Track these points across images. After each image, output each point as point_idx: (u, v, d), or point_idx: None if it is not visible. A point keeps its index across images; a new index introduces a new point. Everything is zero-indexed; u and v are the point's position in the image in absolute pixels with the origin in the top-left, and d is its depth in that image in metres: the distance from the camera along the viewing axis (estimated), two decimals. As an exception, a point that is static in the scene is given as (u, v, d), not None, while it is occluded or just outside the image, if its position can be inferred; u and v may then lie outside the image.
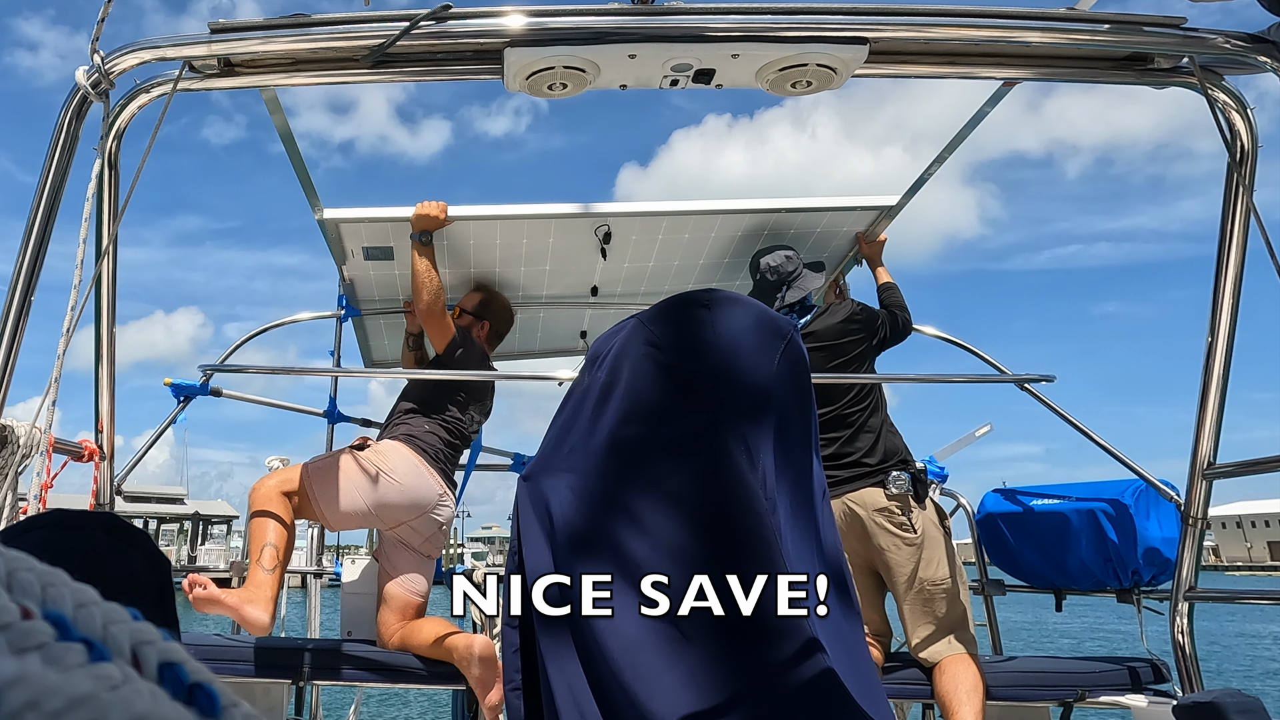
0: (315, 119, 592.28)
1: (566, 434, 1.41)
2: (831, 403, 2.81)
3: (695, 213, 3.16)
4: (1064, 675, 2.65)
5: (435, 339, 2.93)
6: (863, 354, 2.97)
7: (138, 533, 0.93)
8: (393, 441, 2.75)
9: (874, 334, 3.00)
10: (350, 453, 2.67)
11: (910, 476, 2.66)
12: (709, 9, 1.92)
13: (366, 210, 3.02)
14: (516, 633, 1.40)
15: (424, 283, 2.85)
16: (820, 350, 2.89)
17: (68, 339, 1.94)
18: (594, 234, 3.19)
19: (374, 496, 2.62)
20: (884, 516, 2.63)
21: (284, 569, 2.44)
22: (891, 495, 2.64)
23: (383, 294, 3.53)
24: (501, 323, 3.34)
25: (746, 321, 1.30)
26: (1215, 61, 2.03)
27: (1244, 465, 2.29)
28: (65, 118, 2.00)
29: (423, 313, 2.87)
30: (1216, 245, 2.26)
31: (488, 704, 2.34)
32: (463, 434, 2.96)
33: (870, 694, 1.13)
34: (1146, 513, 2.87)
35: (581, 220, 3.12)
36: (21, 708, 0.20)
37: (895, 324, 3.06)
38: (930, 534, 2.64)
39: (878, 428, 2.82)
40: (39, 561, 0.26)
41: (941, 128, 2.76)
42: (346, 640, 2.85)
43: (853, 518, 2.67)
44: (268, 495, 2.55)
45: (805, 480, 1.30)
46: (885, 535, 2.62)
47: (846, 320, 2.96)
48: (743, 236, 3.31)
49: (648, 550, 1.20)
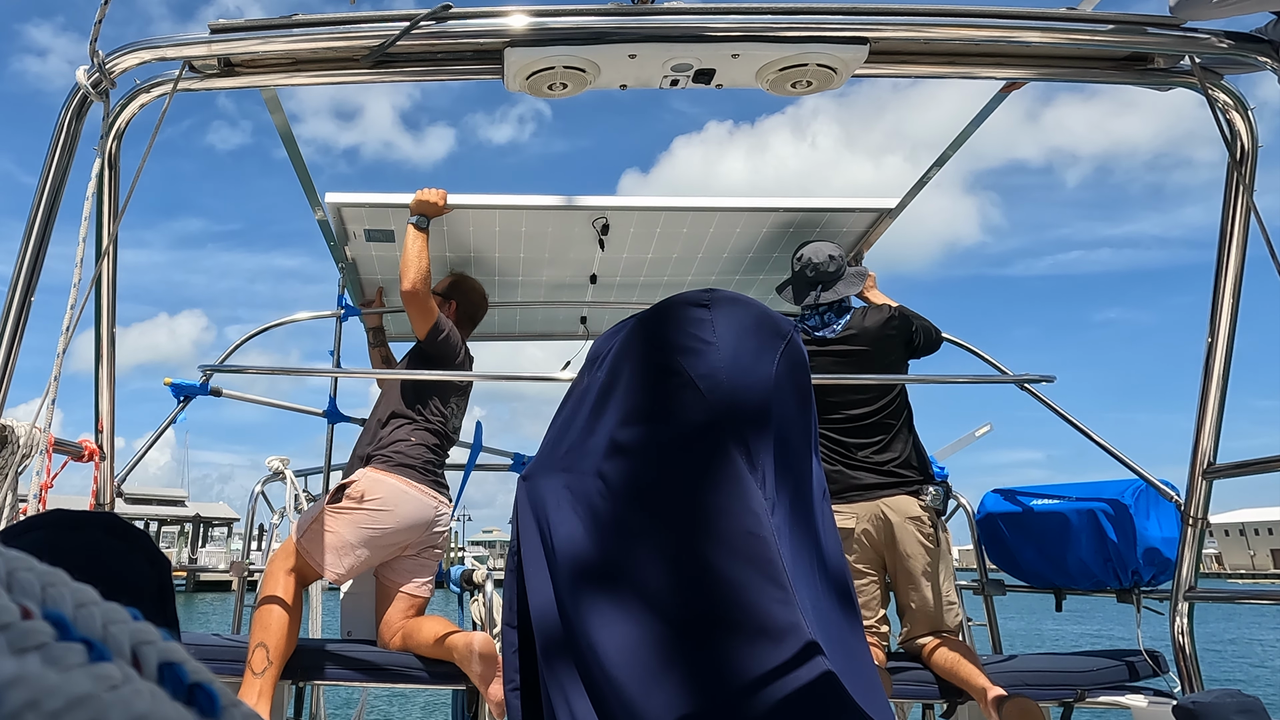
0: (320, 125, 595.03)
1: (565, 434, 1.41)
2: (868, 406, 2.84)
3: (692, 209, 3.16)
4: (1064, 674, 2.65)
5: (417, 323, 2.88)
6: (898, 359, 2.96)
7: (138, 533, 0.93)
8: (373, 473, 2.71)
9: (910, 341, 2.97)
10: (330, 508, 2.64)
11: (943, 491, 2.79)
12: (709, 9, 1.92)
13: (368, 195, 3.06)
14: (516, 632, 1.40)
15: (412, 262, 2.82)
16: (862, 352, 2.89)
17: (67, 339, 1.94)
18: (592, 225, 3.21)
19: (369, 536, 2.61)
20: (915, 525, 2.72)
21: (279, 668, 2.41)
22: (925, 506, 2.75)
23: (384, 274, 3.55)
24: (472, 305, 3.29)
25: (746, 321, 1.29)
26: (1215, 61, 2.03)
27: (1244, 465, 2.29)
28: (65, 118, 2.00)
29: (406, 294, 2.82)
30: (1216, 245, 2.26)
31: (492, 698, 2.34)
32: (447, 431, 2.95)
33: (870, 695, 1.13)
34: (1146, 513, 2.87)
35: (579, 212, 3.15)
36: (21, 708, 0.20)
37: (929, 336, 3.02)
38: (945, 546, 2.78)
39: (910, 434, 2.89)
40: (39, 561, 0.26)
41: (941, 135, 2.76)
42: (346, 640, 2.85)
43: (883, 522, 2.74)
44: (272, 577, 2.56)
45: (805, 481, 1.30)
46: (913, 542, 2.71)
47: (886, 323, 2.93)
48: (740, 234, 3.31)
49: (645, 551, 1.20)
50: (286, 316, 3.80)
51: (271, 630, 2.43)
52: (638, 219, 3.19)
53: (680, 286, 3.71)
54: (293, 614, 2.50)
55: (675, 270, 3.61)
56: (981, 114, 2.44)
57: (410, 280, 2.81)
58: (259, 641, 2.41)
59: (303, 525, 2.66)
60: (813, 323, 2.97)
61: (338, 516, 2.61)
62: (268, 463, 3.64)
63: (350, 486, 2.68)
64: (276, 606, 2.48)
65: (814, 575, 1.23)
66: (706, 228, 3.26)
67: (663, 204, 3.16)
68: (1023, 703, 2.35)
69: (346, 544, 2.57)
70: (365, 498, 2.63)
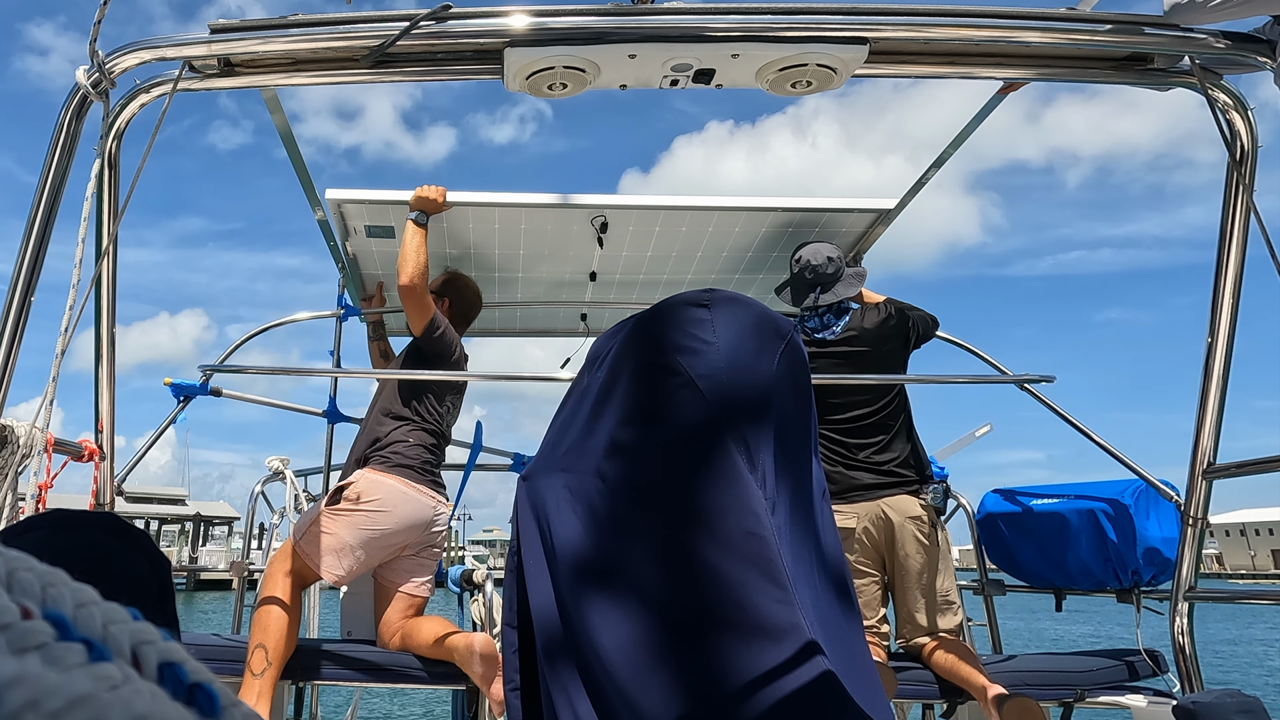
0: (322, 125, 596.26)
1: (565, 434, 1.41)
2: (868, 407, 2.84)
3: (690, 208, 3.17)
4: (1063, 674, 2.65)
5: (414, 319, 2.86)
6: (898, 358, 2.96)
7: (138, 533, 0.93)
8: (371, 474, 2.71)
9: (908, 336, 2.97)
10: (328, 510, 2.64)
11: (942, 491, 2.81)
12: (709, 9, 1.92)
13: (369, 192, 3.08)
14: (516, 632, 1.40)
15: (410, 257, 2.81)
16: (862, 353, 2.89)
17: (66, 340, 1.94)
18: (591, 224, 3.23)
19: (367, 538, 2.60)
20: (915, 525, 2.73)
21: (278, 669, 2.42)
22: (925, 506, 2.77)
23: (385, 269, 3.56)
24: (465, 303, 3.28)
25: (746, 321, 1.29)
26: (1215, 61, 2.03)
27: (1244, 465, 2.29)
28: (65, 117, 2.00)
29: (404, 288, 2.81)
30: (1217, 244, 2.26)
31: (494, 697, 2.34)
32: (444, 430, 2.94)
33: (871, 695, 1.13)
34: (1146, 513, 2.87)
35: (578, 210, 3.16)
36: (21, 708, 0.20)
37: (926, 325, 3.01)
38: (945, 546, 2.80)
39: (909, 434, 2.90)
40: (39, 561, 0.26)
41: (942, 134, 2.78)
42: (346, 640, 2.85)
43: (884, 521, 2.75)
44: (271, 579, 2.57)
45: (805, 481, 1.30)
46: (913, 542, 2.72)
47: (884, 323, 2.93)
48: (739, 233, 3.32)
49: (645, 551, 1.20)
50: (286, 316, 3.81)
51: (270, 631, 2.44)
52: (636, 217, 3.21)
53: (680, 285, 3.72)
54: (292, 615, 2.50)
55: (674, 269, 3.62)
56: (979, 115, 2.44)
57: (408, 275, 2.80)
58: (258, 642, 2.42)
59: (301, 527, 2.66)
60: (812, 324, 2.97)
61: (336, 518, 2.61)
62: (268, 463, 3.64)
63: (348, 488, 2.67)
64: (275, 608, 2.48)
65: (814, 575, 1.23)
66: (705, 226, 3.27)
67: (661, 203, 3.17)
68: (1023, 702, 2.35)
69: (345, 545, 2.57)
70: (363, 499, 2.63)
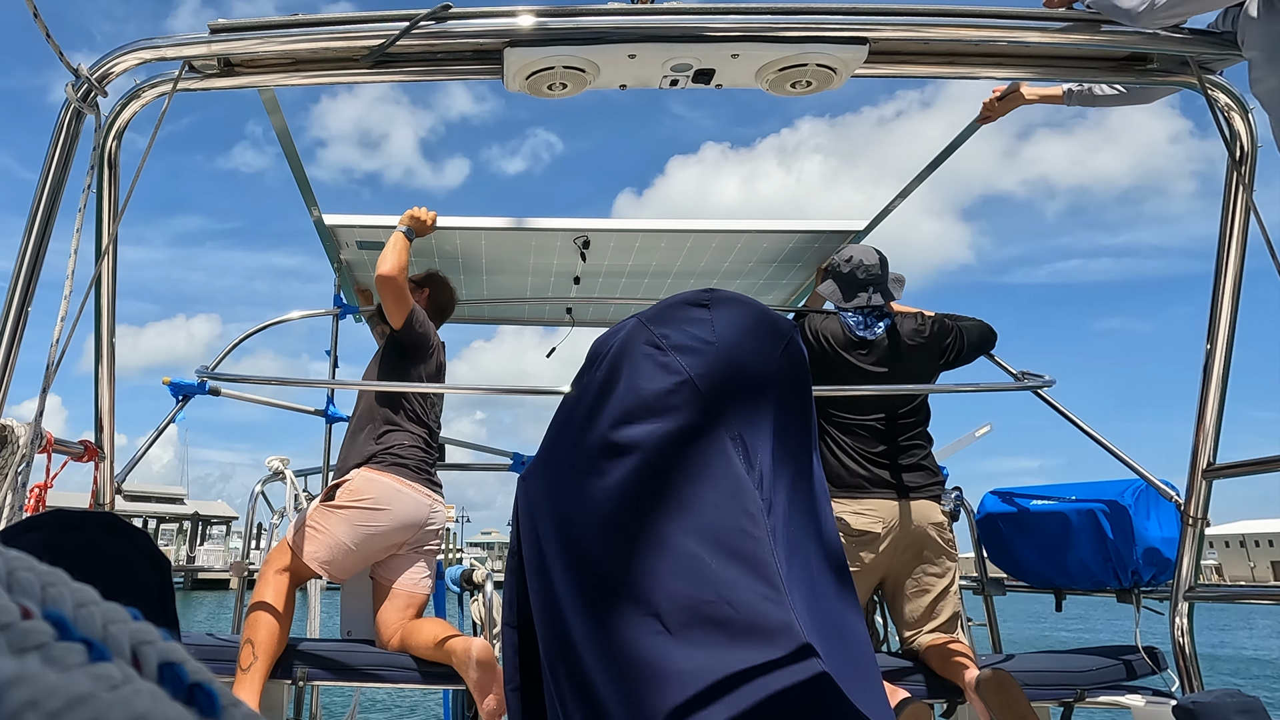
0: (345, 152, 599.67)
1: (564, 433, 1.41)
2: (900, 409, 2.86)
3: (666, 231, 3.38)
4: (1063, 674, 2.65)
5: (392, 311, 2.83)
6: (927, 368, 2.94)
7: (138, 532, 0.93)
8: (367, 472, 2.70)
9: (943, 350, 2.94)
10: (324, 506, 2.64)
11: (958, 497, 2.84)
12: (709, 9, 1.92)
13: (361, 217, 3.22)
14: (516, 632, 1.40)
15: (390, 253, 2.78)
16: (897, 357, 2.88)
17: (64, 339, 1.94)
18: (573, 243, 3.46)
19: (363, 535, 2.60)
20: (936, 530, 2.75)
21: (266, 664, 2.41)
22: (945, 512, 2.79)
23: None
24: (442, 298, 3.26)
25: (746, 321, 1.29)
26: (1214, 61, 2.03)
27: (1244, 465, 2.29)
28: (65, 117, 1.99)
29: (382, 278, 2.75)
30: (1216, 244, 2.26)
31: (485, 709, 2.33)
32: (432, 427, 2.95)
33: (871, 696, 1.13)
34: (1146, 513, 2.87)
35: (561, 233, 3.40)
36: (21, 707, 0.20)
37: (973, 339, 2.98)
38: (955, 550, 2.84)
39: (929, 440, 2.91)
40: (39, 561, 0.26)
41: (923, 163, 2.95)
42: (346, 640, 2.84)
43: (906, 524, 2.75)
44: (265, 577, 2.57)
45: (805, 481, 1.29)
46: (934, 546, 2.75)
47: (917, 331, 2.92)
48: (715, 250, 3.55)
49: (640, 550, 1.19)
50: (283, 315, 3.81)
51: (259, 627, 2.44)
52: (616, 238, 3.42)
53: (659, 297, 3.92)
54: (283, 612, 2.50)
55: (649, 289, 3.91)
56: (953, 144, 2.48)
57: (388, 265, 2.75)
58: (246, 638, 2.43)
59: (297, 525, 2.67)
60: (854, 321, 2.94)
61: (331, 515, 2.61)
62: (268, 463, 3.64)
63: (344, 485, 2.67)
64: (266, 604, 2.49)
65: (811, 575, 1.23)
66: (682, 244, 3.50)
67: (639, 226, 3.41)
68: (998, 675, 2.36)
69: (340, 542, 2.58)
70: (359, 496, 2.63)
